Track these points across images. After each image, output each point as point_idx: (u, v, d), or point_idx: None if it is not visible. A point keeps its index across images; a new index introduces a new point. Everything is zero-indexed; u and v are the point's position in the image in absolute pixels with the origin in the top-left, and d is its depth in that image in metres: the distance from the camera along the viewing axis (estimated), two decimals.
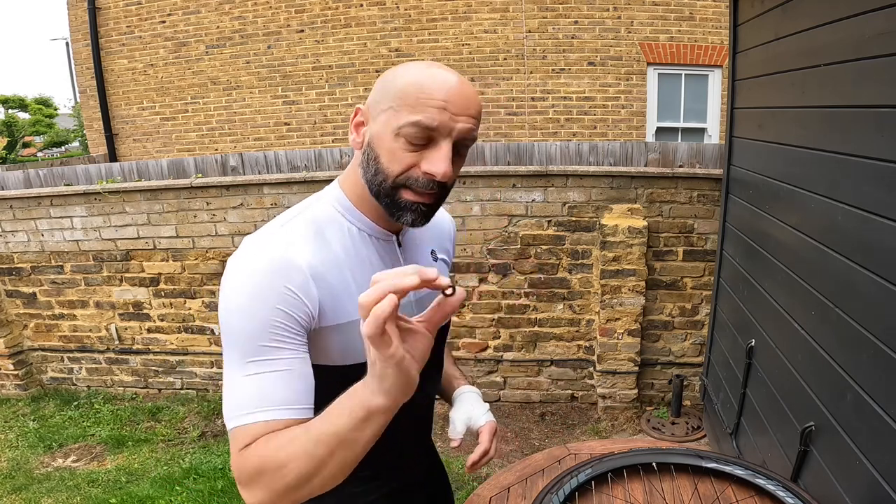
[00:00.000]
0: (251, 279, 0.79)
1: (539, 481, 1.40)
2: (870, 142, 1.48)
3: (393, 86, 0.80)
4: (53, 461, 3.16)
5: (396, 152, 0.80)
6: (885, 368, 1.38)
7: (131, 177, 3.71)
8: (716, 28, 5.77)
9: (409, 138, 0.79)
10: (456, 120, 0.79)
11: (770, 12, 2.20)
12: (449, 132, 0.79)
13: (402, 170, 0.81)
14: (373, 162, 0.83)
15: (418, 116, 0.77)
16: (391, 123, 0.80)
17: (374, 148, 0.83)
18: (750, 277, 2.46)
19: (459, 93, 0.79)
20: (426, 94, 0.78)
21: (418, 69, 0.81)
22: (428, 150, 0.80)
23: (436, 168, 0.80)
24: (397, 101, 0.79)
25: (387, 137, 0.80)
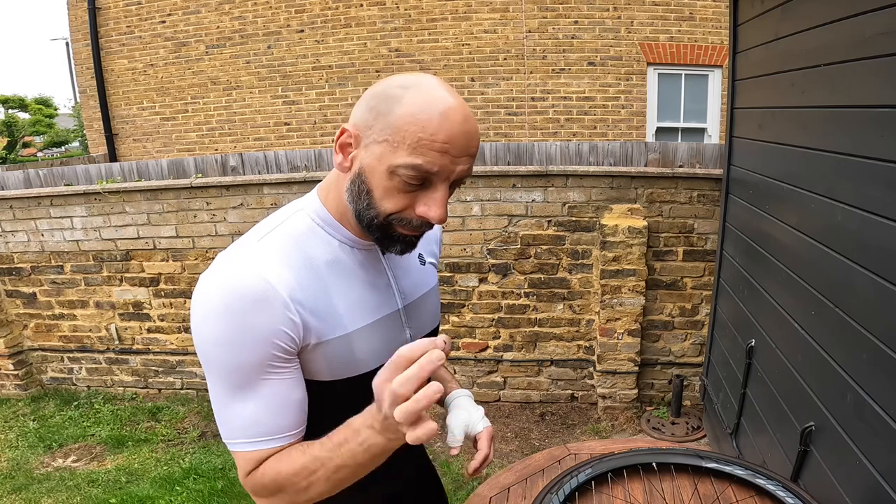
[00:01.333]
0: (234, 315, 0.75)
1: (539, 481, 1.40)
2: (870, 142, 1.48)
3: (389, 116, 0.74)
4: (53, 461, 3.16)
5: (391, 191, 0.76)
6: (885, 368, 1.38)
7: (131, 177, 3.71)
8: (716, 28, 5.77)
9: (405, 178, 0.75)
10: (456, 162, 0.75)
11: (770, 12, 2.20)
12: (448, 175, 0.76)
13: (395, 210, 0.78)
14: (364, 195, 0.78)
15: (418, 160, 0.73)
16: (386, 160, 0.75)
17: (365, 181, 0.78)
18: (750, 277, 2.46)
19: (462, 132, 0.74)
20: (428, 134, 0.72)
21: (418, 98, 0.74)
22: (423, 192, 0.77)
23: (432, 213, 0.77)
24: (394, 135, 0.74)
25: (380, 173, 0.76)
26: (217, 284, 0.77)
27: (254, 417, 0.79)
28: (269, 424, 0.80)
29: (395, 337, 0.95)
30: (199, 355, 0.79)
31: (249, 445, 0.80)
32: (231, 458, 3.04)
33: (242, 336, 0.75)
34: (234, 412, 0.79)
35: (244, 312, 0.75)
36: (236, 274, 0.76)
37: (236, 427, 0.80)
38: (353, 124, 0.79)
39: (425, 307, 1.02)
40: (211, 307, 0.76)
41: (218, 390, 0.80)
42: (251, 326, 0.75)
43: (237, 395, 0.78)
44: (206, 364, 0.79)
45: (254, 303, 0.75)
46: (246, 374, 0.77)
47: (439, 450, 3.10)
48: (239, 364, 0.77)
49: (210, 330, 0.76)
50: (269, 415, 0.79)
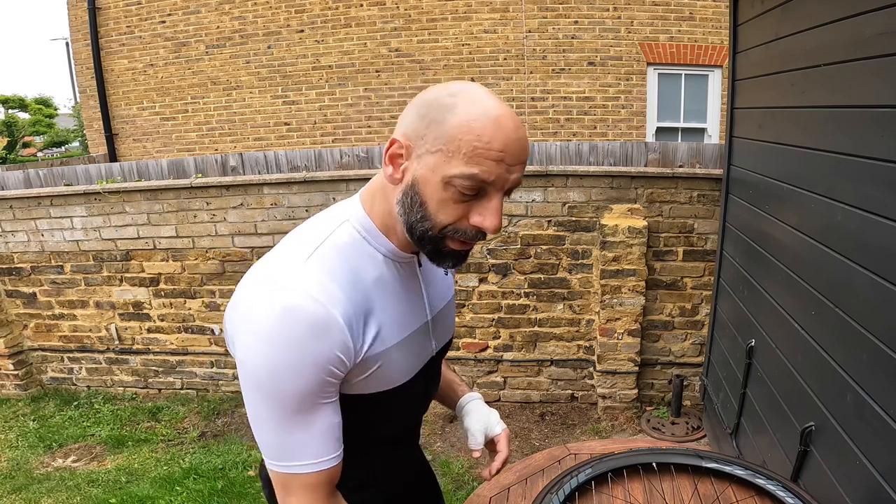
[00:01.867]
0: (292, 343, 0.74)
1: (539, 481, 1.40)
2: (870, 142, 1.48)
3: (444, 125, 0.72)
4: (53, 461, 3.16)
5: (446, 202, 0.75)
6: (885, 368, 1.38)
7: (131, 177, 3.71)
8: (716, 28, 5.77)
9: (460, 189, 0.73)
10: (511, 171, 0.75)
11: (770, 12, 2.20)
12: (503, 185, 0.76)
13: (450, 220, 0.76)
14: (418, 207, 0.76)
15: (474, 170, 0.72)
16: (441, 170, 0.73)
17: (419, 192, 0.76)
18: (750, 277, 2.46)
19: (516, 139, 0.73)
20: (484, 144, 0.71)
21: (471, 105, 0.72)
22: (478, 201, 0.76)
23: (488, 223, 0.76)
24: (449, 145, 0.72)
25: (435, 184, 0.74)
26: (271, 308, 0.74)
27: (316, 441, 0.80)
28: (325, 446, 0.81)
29: (423, 348, 0.95)
30: (246, 378, 0.78)
31: (309, 467, 0.80)
32: (231, 458, 3.04)
33: (301, 363, 0.74)
34: (287, 437, 0.79)
35: (303, 339, 0.74)
36: (293, 298, 0.74)
37: (298, 452, 0.80)
38: (402, 134, 0.77)
39: (447, 317, 1.03)
40: (265, 333, 0.74)
41: (267, 414, 0.78)
42: (310, 353, 0.74)
43: (294, 420, 0.78)
44: (257, 387, 0.77)
45: (313, 329, 0.74)
46: (303, 399, 0.77)
47: (439, 450, 3.10)
48: (296, 391, 0.76)
49: (264, 356, 0.74)
50: (324, 438, 0.81)
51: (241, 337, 0.77)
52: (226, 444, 3.23)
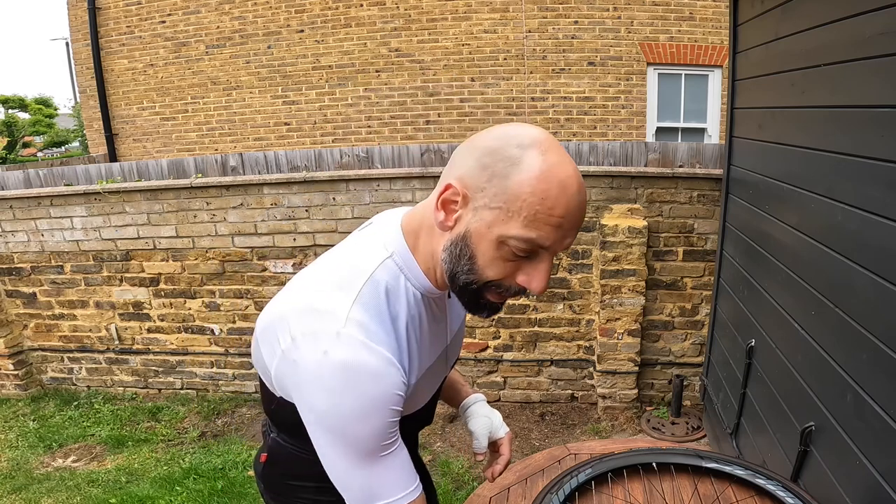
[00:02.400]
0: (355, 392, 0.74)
1: (539, 481, 1.40)
2: (870, 142, 1.48)
3: (507, 181, 0.69)
4: (53, 461, 3.16)
5: (495, 260, 0.73)
6: (885, 368, 1.38)
7: (131, 177, 3.71)
8: (716, 28, 5.77)
9: (514, 250, 0.72)
10: (567, 236, 0.72)
11: (770, 12, 2.20)
12: (557, 249, 0.74)
13: (497, 276, 0.75)
14: (466, 260, 0.75)
15: (532, 234, 0.70)
16: (498, 228, 0.71)
17: (470, 245, 0.74)
18: (750, 277, 2.46)
19: (578, 205, 0.71)
20: (547, 208, 0.69)
21: (538, 164, 0.69)
22: (528, 262, 0.74)
23: (535, 285, 0.75)
24: (511, 204, 0.69)
25: (489, 241, 0.72)
26: (334, 361, 0.73)
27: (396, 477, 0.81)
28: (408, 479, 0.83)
29: (439, 373, 0.98)
30: (319, 429, 0.78)
31: (410, 496, 0.82)
32: (231, 458, 3.04)
33: (370, 410, 0.75)
34: (377, 477, 0.80)
35: (367, 388, 0.74)
36: (349, 352, 0.73)
37: (382, 491, 0.80)
38: (459, 180, 0.73)
39: (459, 338, 1.05)
40: (332, 385, 0.74)
41: (351, 461, 0.79)
42: (376, 399, 0.75)
43: (375, 461, 0.79)
44: (334, 438, 0.78)
45: (374, 377, 0.74)
46: (379, 441, 0.78)
47: (439, 450, 3.10)
48: (371, 434, 0.77)
49: (336, 406, 0.75)
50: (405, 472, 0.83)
51: (304, 390, 0.76)
52: (226, 444, 3.23)
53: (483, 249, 0.73)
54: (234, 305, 3.61)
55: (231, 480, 2.85)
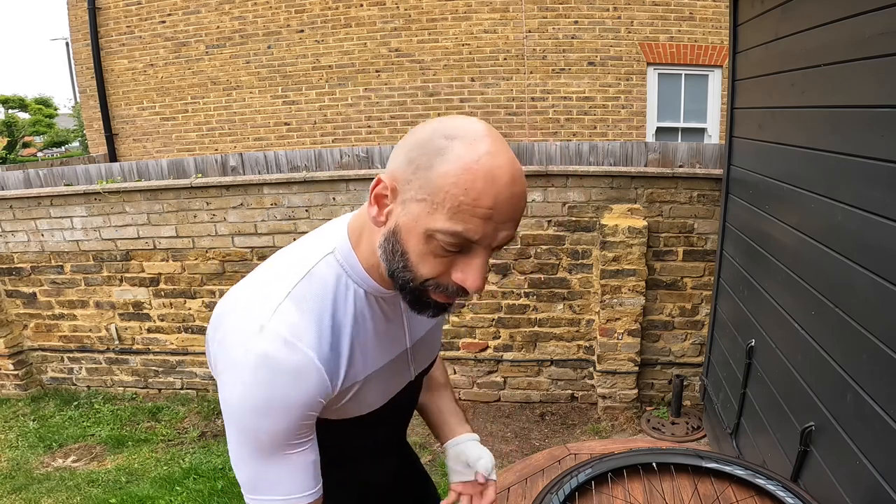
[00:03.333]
0: (270, 388, 0.74)
1: (539, 481, 1.40)
2: (870, 142, 1.48)
3: (430, 171, 0.67)
4: (53, 461, 3.16)
5: (425, 256, 0.71)
6: (885, 368, 1.38)
7: (131, 177, 3.71)
8: (716, 28, 5.77)
9: (442, 244, 0.69)
10: (500, 229, 0.69)
11: (770, 12, 2.20)
12: (489, 243, 0.70)
13: (432, 274, 0.72)
14: (399, 256, 0.72)
15: (458, 227, 0.67)
16: (424, 222, 0.68)
17: (400, 241, 0.72)
18: (750, 277, 2.46)
19: (509, 196, 0.67)
20: (471, 199, 0.65)
21: (464, 153, 0.66)
22: (462, 258, 0.71)
23: (470, 282, 0.72)
24: (434, 195, 0.67)
25: (417, 235, 0.70)
26: (249, 354, 0.73)
27: (284, 479, 0.80)
28: (302, 483, 0.81)
29: (400, 375, 0.95)
30: (225, 416, 0.78)
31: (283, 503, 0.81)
32: None
33: (279, 408, 0.75)
34: (262, 474, 0.80)
35: (280, 387, 0.74)
36: (269, 346, 0.73)
37: (263, 487, 0.81)
38: (389, 174, 0.72)
39: (429, 342, 1.01)
40: (245, 377, 0.74)
41: (245, 452, 0.79)
42: (288, 399, 0.75)
43: (267, 459, 0.79)
44: (236, 427, 0.78)
45: (290, 377, 0.74)
46: (277, 440, 0.77)
47: (439, 450, 3.10)
48: (271, 431, 0.76)
49: (242, 400, 0.75)
50: (297, 477, 0.81)
51: (223, 377, 0.77)
52: (226, 444, 3.22)
53: (413, 245, 0.71)
54: None
55: (231, 480, 2.85)
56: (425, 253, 0.71)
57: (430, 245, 0.70)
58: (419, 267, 0.72)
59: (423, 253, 0.71)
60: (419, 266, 0.72)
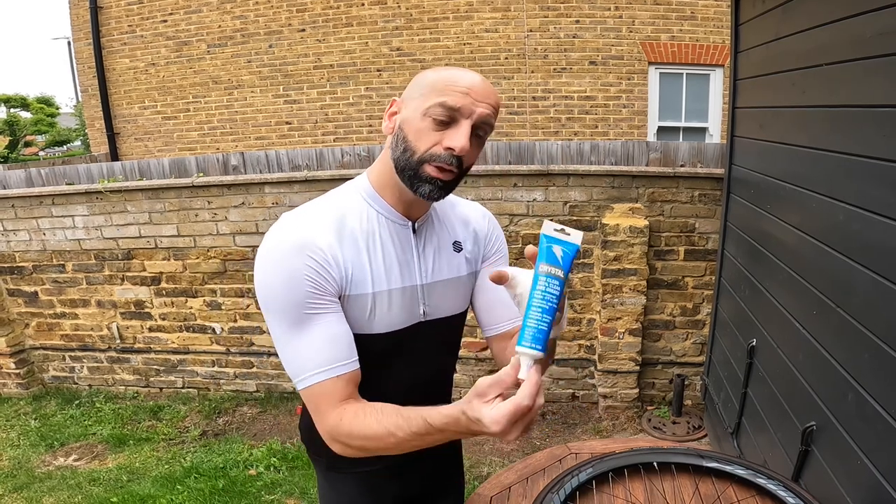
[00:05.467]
0: (276, 260, 0.92)
1: (540, 481, 1.40)
2: (871, 141, 1.48)
3: (424, 80, 0.93)
4: (55, 460, 3.17)
5: (423, 131, 0.91)
6: (887, 368, 1.38)
7: (133, 176, 3.72)
8: (717, 27, 5.77)
9: (434, 117, 0.89)
10: (477, 104, 0.90)
11: (771, 12, 2.20)
12: (470, 114, 0.90)
13: (427, 147, 0.91)
14: (401, 141, 0.93)
15: (444, 98, 0.89)
16: (420, 107, 0.91)
17: (403, 130, 0.93)
18: (751, 277, 2.45)
19: (481, 83, 0.91)
20: (452, 81, 0.90)
21: (447, 68, 0.94)
22: (450, 129, 0.91)
23: (456, 142, 0.89)
24: (426, 89, 0.91)
25: (415, 119, 0.91)
26: (271, 239, 0.93)
27: (311, 350, 0.92)
28: (326, 354, 0.92)
29: (409, 309, 1.04)
30: (260, 301, 0.95)
31: (324, 375, 0.91)
32: (232, 457, 3.04)
33: (284, 276, 0.91)
34: (295, 348, 0.92)
35: (284, 255, 0.91)
36: (282, 229, 0.94)
37: (300, 362, 0.92)
38: (400, 98, 0.98)
39: (447, 291, 1.09)
40: (266, 260, 0.93)
41: (277, 331, 0.94)
42: (290, 267, 0.91)
43: (296, 332, 0.92)
44: (264, 306, 0.94)
45: (291, 249, 0.91)
46: (294, 310, 0.91)
47: None
48: (286, 302, 0.91)
49: (261, 274, 0.93)
50: (328, 346, 0.92)
51: (255, 272, 0.95)
52: (227, 443, 3.23)
53: (412, 128, 0.92)
54: (235, 304, 3.61)
55: (232, 479, 2.85)
56: (421, 129, 0.91)
57: (425, 122, 0.90)
58: (416, 143, 0.91)
59: (419, 130, 0.91)
60: (416, 142, 0.91)
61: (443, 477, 1.28)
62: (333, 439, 0.93)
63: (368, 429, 0.88)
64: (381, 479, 1.04)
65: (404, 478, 1.11)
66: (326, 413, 0.92)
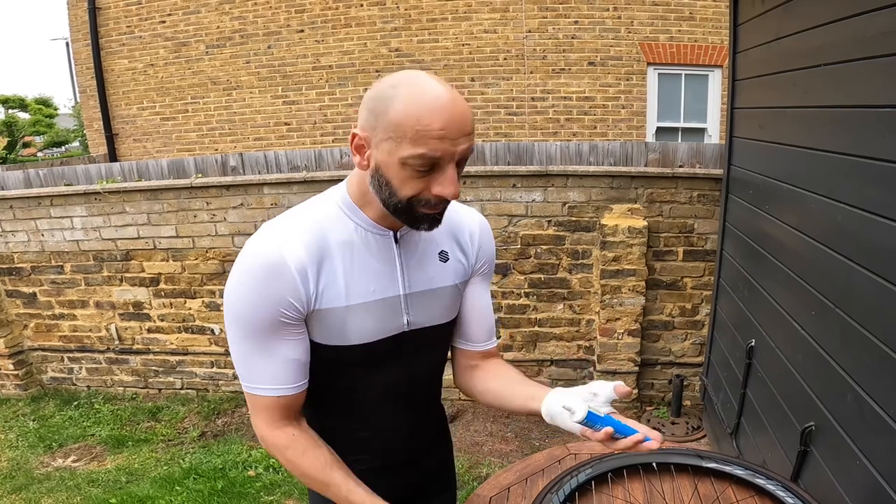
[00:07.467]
0: (251, 280, 0.90)
1: (539, 481, 1.40)
2: (871, 142, 1.48)
3: (386, 116, 0.82)
4: (53, 461, 3.16)
5: (405, 180, 0.85)
6: (886, 369, 1.38)
7: (131, 177, 3.71)
8: (716, 28, 5.77)
9: (415, 167, 0.83)
10: (456, 144, 0.83)
11: (771, 12, 2.20)
12: (452, 157, 0.84)
13: (414, 193, 0.86)
14: (385, 186, 0.87)
15: (421, 150, 0.81)
16: (395, 154, 0.83)
17: (383, 174, 0.87)
18: (750, 277, 2.46)
19: (453, 115, 0.81)
20: (423, 126, 0.80)
21: (408, 92, 0.81)
22: (435, 174, 0.85)
23: (446, 191, 0.86)
24: (395, 132, 0.82)
25: (393, 166, 0.84)
26: (246, 253, 0.91)
27: (270, 370, 0.94)
28: (280, 377, 0.95)
29: (391, 319, 1.02)
30: (224, 310, 0.94)
31: (265, 392, 0.95)
32: (231, 458, 3.04)
33: (256, 298, 0.90)
34: (248, 359, 0.95)
35: (258, 278, 0.89)
36: (260, 246, 0.91)
37: (255, 376, 0.95)
38: (360, 128, 0.88)
39: (432, 301, 1.06)
40: (237, 271, 0.91)
41: (238, 342, 0.94)
42: (263, 291, 0.89)
43: (254, 347, 0.93)
44: (227, 314, 0.93)
45: (261, 271, 0.89)
46: (259, 330, 0.92)
47: None
48: (255, 321, 0.91)
49: (231, 288, 0.92)
50: (282, 368, 0.94)
51: (229, 279, 0.94)
52: (226, 444, 3.23)
53: (393, 174, 0.85)
54: None
55: (231, 480, 2.85)
56: (404, 178, 0.85)
57: (405, 171, 0.84)
58: (402, 190, 0.86)
59: (402, 178, 0.85)
60: (401, 189, 0.86)
61: (435, 477, 1.28)
62: (269, 447, 0.99)
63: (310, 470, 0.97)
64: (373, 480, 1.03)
65: (396, 478, 1.10)
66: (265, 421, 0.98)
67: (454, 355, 1.22)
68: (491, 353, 1.20)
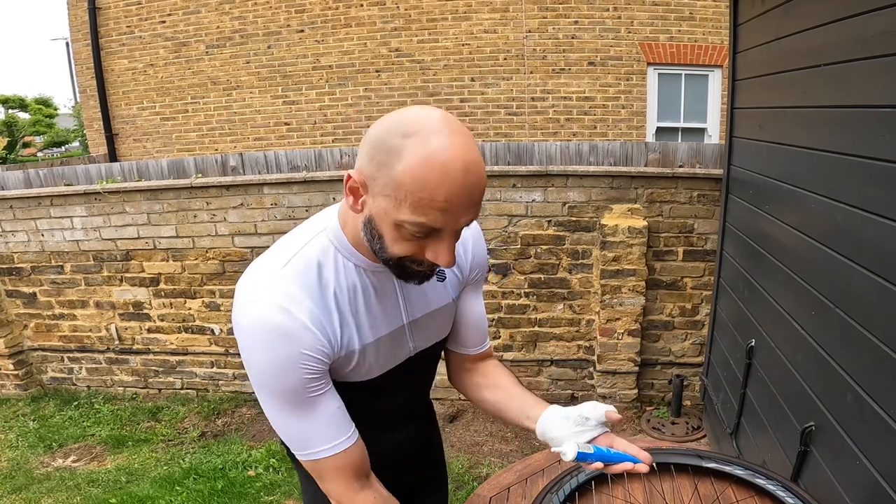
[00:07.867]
0: (266, 348, 0.84)
1: (539, 481, 1.40)
2: (871, 142, 1.48)
3: (391, 170, 0.73)
4: (53, 461, 3.16)
5: (398, 240, 0.79)
6: (886, 368, 1.38)
7: (131, 177, 3.71)
8: (716, 28, 5.77)
9: (411, 231, 0.77)
10: (459, 217, 0.76)
11: (771, 12, 2.20)
12: (453, 228, 0.78)
13: (406, 255, 0.81)
14: (377, 239, 0.81)
15: (421, 219, 0.74)
16: (392, 214, 0.76)
17: (376, 227, 0.80)
18: (750, 277, 2.46)
19: (462, 186, 0.72)
20: (429, 195, 0.72)
21: (419, 150, 0.71)
22: (431, 240, 0.79)
23: (441, 261, 0.80)
24: (396, 192, 0.73)
25: (388, 224, 0.78)
26: (250, 318, 0.84)
27: (314, 429, 0.91)
28: (335, 430, 0.92)
29: (398, 349, 1.01)
30: (252, 381, 0.90)
31: (327, 453, 0.92)
32: (231, 458, 3.04)
33: (280, 364, 0.85)
34: (296, 426, 0.91)
35: (275, 344, 0.84)
36: (262, 311, 0.83)
37: (310, 441, 0.91)
38: (358, 171, 0.80)
39: (433, 322, 1.05)
40: (248, 342, 0.86)
41: (276, 412, 0.90)
42: (283, 355, 0.84)
43: (298, 413, 0.89)
44: (259, 389, 0.90)
45: (280, 335, 0.83)
46: (295, 394, 0.87)
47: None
48: (286, 387, 0.87)
49: (253, 361, 0.87)
50: (330, 423, 0.92)
51: (241, 350, 0.88)
52: (226, 444, 3.23)
53: (386, 231, 0.79)
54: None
55: (231, 480, 2.85)
56: (398, 238, 0.79)
57: (400, 232, 0.78)
58: (394, 248, 0.80)
59: (396, 238, 0.79)
60: (394, 248, 0.80)
61: (429, 472, 1.29)
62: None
63: None
64: None
65: (391, 473, 1.10)
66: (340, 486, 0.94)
67: (448, 358, 1.22)
68: (485, 354, 1.20)
